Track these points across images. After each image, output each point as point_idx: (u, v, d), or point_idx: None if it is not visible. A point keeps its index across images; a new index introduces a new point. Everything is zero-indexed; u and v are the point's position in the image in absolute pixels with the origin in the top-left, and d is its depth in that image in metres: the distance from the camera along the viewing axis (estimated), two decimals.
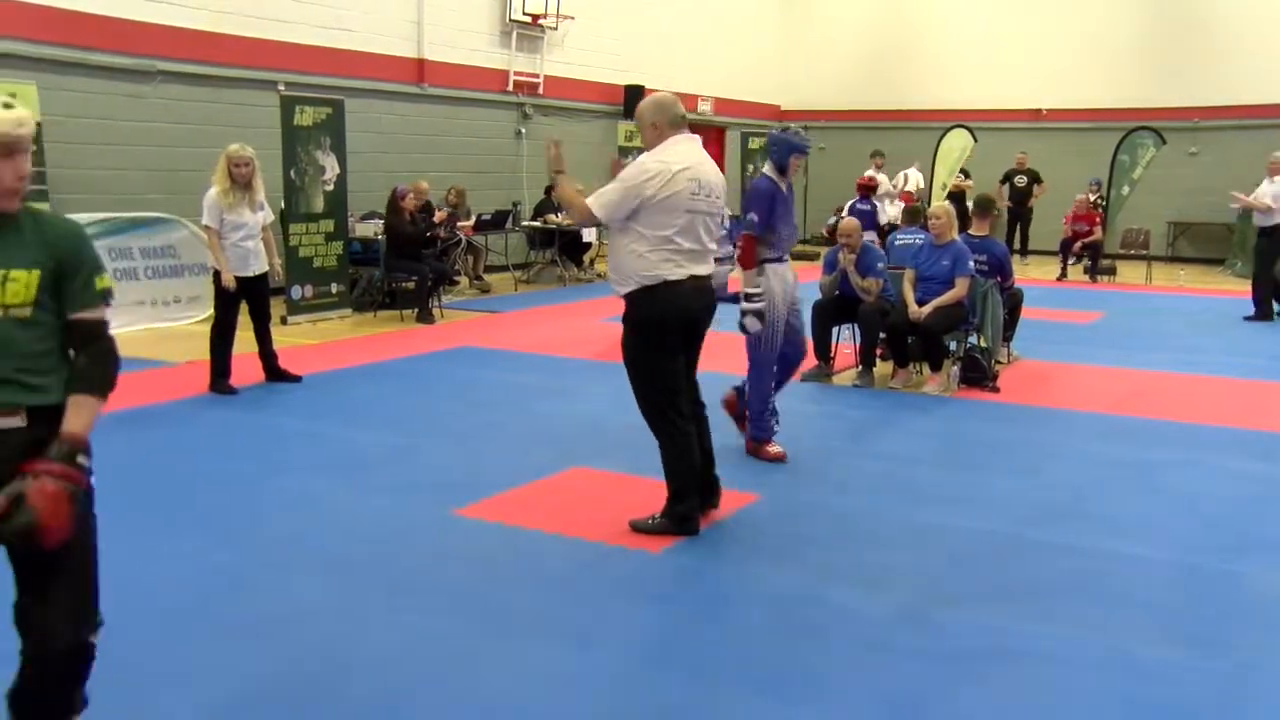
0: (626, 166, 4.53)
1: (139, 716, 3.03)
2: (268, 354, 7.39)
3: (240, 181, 7.04)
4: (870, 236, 8.98)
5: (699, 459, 4.67)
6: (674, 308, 4.43)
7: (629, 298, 4.46)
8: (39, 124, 9.51)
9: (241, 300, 7.15)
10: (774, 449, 5.78)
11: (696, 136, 4.55)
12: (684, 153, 4.43)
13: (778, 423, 5.86)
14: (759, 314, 5.55)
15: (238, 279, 7.04)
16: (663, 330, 4.45)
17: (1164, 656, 3.52)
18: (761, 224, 5.57)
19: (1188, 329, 10.94)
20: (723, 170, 4.82)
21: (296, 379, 7.40)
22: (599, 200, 4.41)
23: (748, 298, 5.56)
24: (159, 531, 4.56)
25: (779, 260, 5.73)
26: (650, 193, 4.32)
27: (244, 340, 7.35)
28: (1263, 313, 11.48)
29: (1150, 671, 3.42)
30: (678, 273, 4.40)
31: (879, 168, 16.19)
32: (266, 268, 7.28)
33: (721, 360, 6.19)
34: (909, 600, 3.94)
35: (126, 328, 9.74)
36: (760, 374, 5.77)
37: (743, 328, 5.62)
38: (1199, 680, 3.37)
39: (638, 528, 4.58)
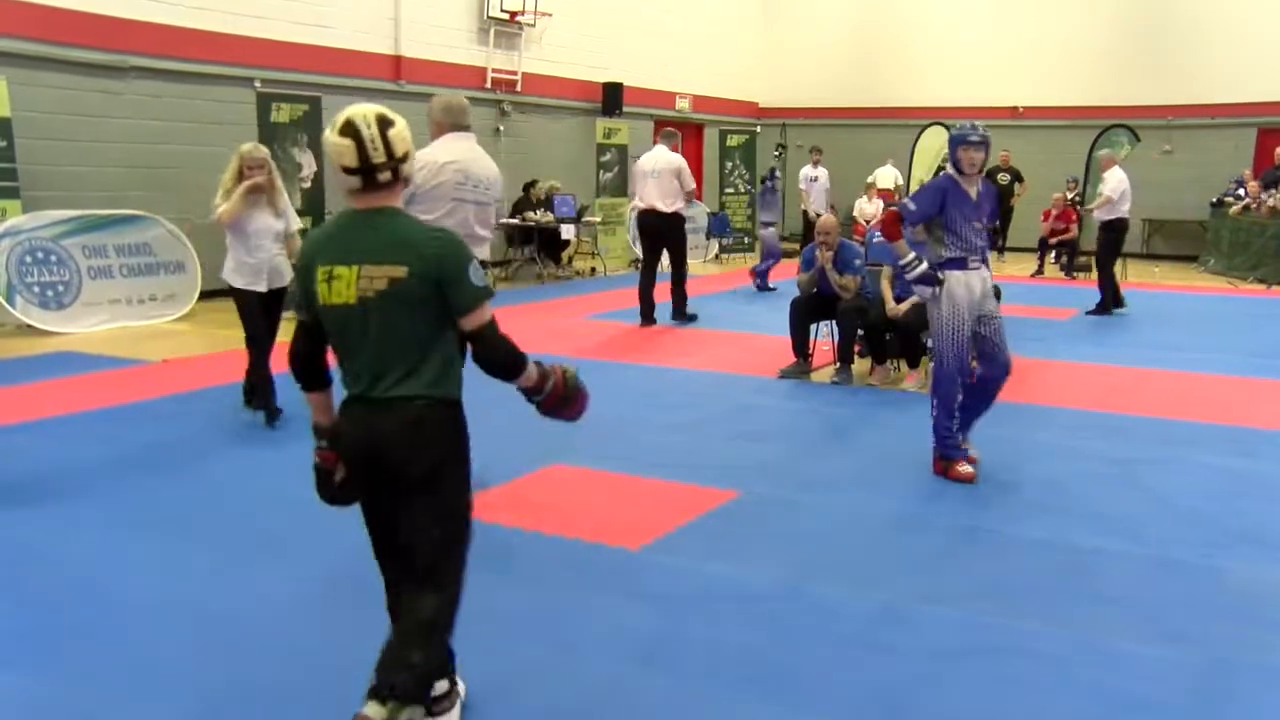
0: None
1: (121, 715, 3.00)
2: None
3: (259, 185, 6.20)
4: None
5: None
6: None
7: None
8: (9, 120, 9.46)
9: (263, 314, 6.31)
10: (963, 469, 5.43)
11: (472, 135, 4.96)
12: (455, 149, 4.85)
13: (963, 441, 5.55)
14: (923, 279, 5.38)
15: (254, 294, 6.24)
16: None
17: (1144, 651, 3.55)
18: (916, 213, 5.43)
19: (1164, 325, 11.03)
20: (699, 167, 4.94)
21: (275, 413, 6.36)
22: None
23: (902, 269, 5.52)
24: (129, 529, 4.52)
25: (961, 265, 5.41)
26: (419, 181, 4.66)
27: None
28: (1106, 305, 11.63)
29: (1130, 667, 3.45)
30: None
31: (817, 164, 16.17)
32: (283, 283, 6.23)
33: None
34: (890, 597, 3.95)
35: (102, 326, 9.67)
36: (943, 389, 5.48)
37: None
38: (1179, 675, 3.40)
39: None
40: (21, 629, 3.58)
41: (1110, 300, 11.68)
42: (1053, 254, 15.71)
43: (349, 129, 2.67)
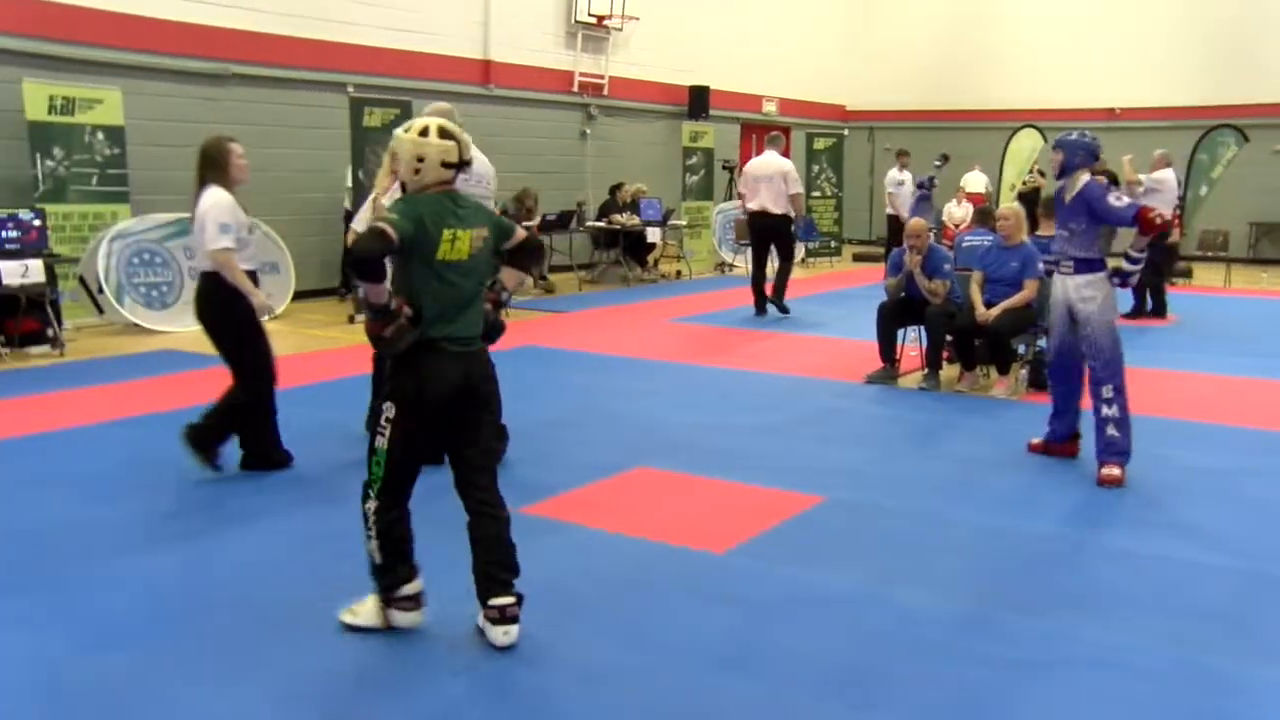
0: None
1: (188, 700, 3.10)
2: None
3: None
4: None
5: None
6: None
7: None
8: (123, 128, 9.85)
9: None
10: (1107, 471, 5.36)
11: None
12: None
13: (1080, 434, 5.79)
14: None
15: None
16: None
17: (1237, 669, 3.42)
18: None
19: (1269, 333, 10.62)
20: None
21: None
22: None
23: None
24: (226, 525, 4.66)
25: (1055, 267, 5.75)
26: None
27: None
28: (1157, 309, 11.37)
29: (1223, 684, 3.33)
30: None
31: (903, 167, 15.88)
32: None
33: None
34: (976, 605, 3.88)
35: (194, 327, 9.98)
36: (1121, 380, 5.52)
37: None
38: (1272, 695, 3.27)
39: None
40: (133, 616, 3.72)
41: (1150, 303, 11.42)
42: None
43: (447, 134, 3.45)
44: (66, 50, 9.81)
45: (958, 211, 16.10)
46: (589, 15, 15.27)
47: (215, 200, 5.16)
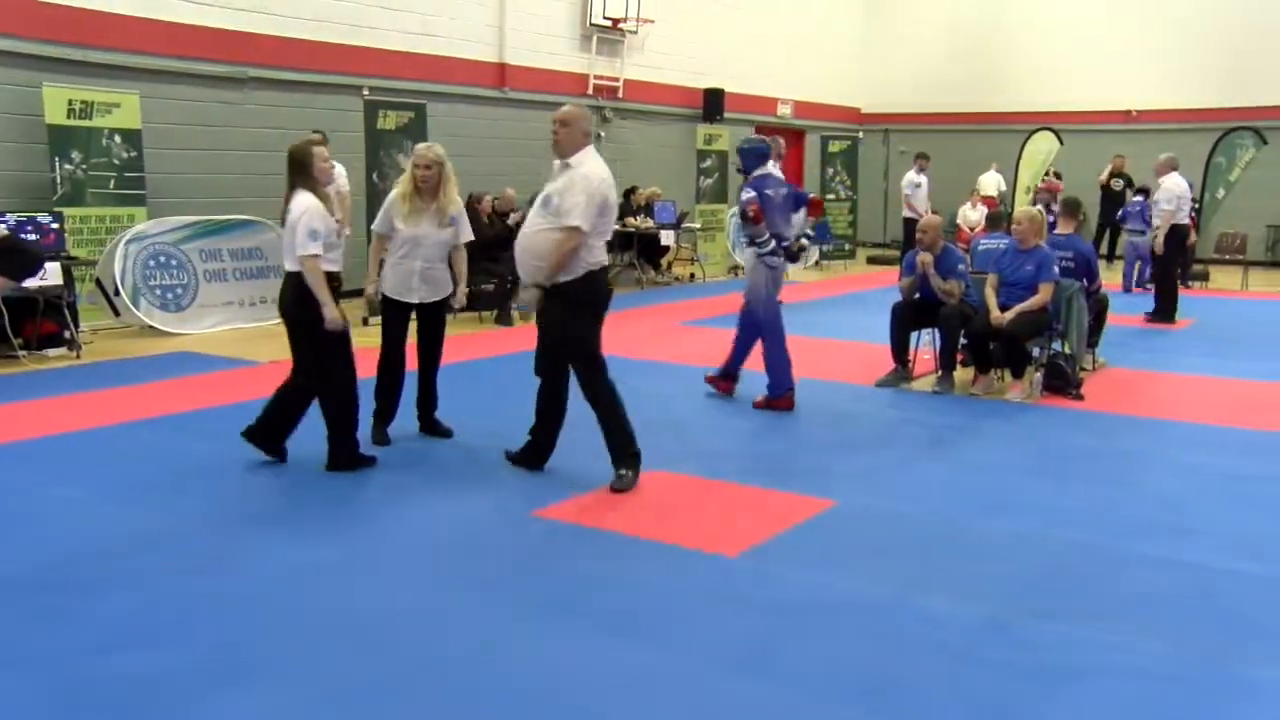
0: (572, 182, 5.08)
1: (219, 703, 3.12)
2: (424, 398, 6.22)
3: (424, 188, 5.83)
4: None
5: None
6: (606, 287, 5.33)
7: (571, 283, 5.11)
8: (140, 131, 9.92)
9: (404, 326, 6.08)
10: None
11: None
12: (601, 162, 5.25)
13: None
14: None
15: (399, 304, 5.97)
16: (603, 305, 5.31)
17: (1268, 676, 3.39)
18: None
19: None
20: (800, 173, 5.21)
21: (448, 434, 6.21)
22: (575, 220, 5.00)
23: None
24: (245, 525, 4.69)
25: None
26: (608, 197, 5.13)
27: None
28: (1168, 312, 11.35)
29: (1254, 691, 3.29)
30: (604, 259, 5.29)
31: (921, 170, 15.83)
32: (439, 296, 6.02)
33: None
34: (997, 611, 3.85)
35: (217, 328, 10.05)
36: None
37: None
38: None
39: (618, 488, 5.20)
40: (145, 613, 3.74)
41: (1170, 307, 11.36)
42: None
43: None
44: (85, 54, 9.88)
45: (973, 214, 16.08)
46: (604, 18, 15.30)
47: (306, 206, 5.24)
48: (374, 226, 6.17)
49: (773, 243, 7.09)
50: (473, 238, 6.22)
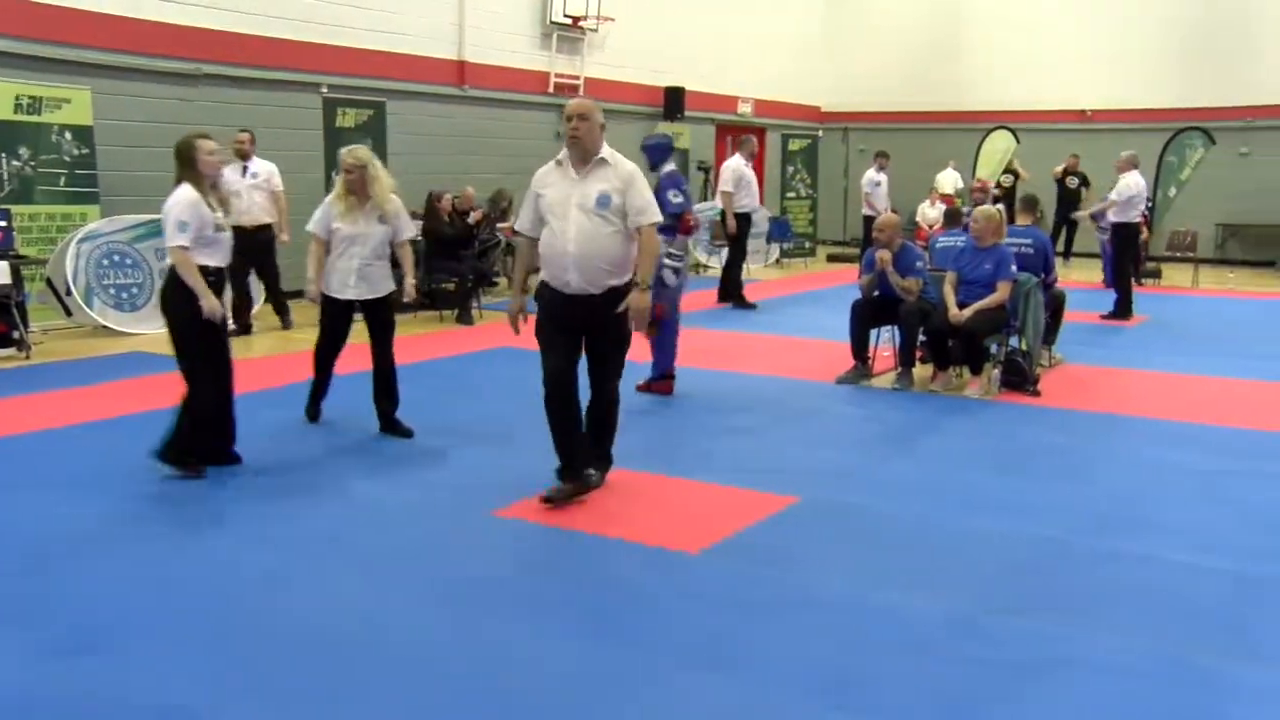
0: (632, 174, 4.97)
1: (161, 704, 3.07)
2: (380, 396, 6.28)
3: (353, 187, 6.04)
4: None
5: None
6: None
7: (623, 286, 4.87)
8: (91, 128, 9.74)
9: (342, 328, 6.26)
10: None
11: None
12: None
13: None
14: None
15: (339, 301, 6.15)
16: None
17: (1226, 668, 3.44)
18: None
19: (1237, 332, 10.74)
20: (761, 171, 5.19)
21: (408, 433, 6.19)
22: (656, 215, 4.89)
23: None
24: (194, 529, 4.62)
25: None
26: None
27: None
28: (1123, 310, 11.49)
29: (1211, 683, 3.34)
30: None
31: (881, 168, 15.92)
32: (377, 293, 6.16)
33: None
34: (959, 607, 3.87)
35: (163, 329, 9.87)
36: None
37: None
38: (1263, 693, 3.29)
39: (555, 498, 4.90)
40: (88, 617, 3.68)
41: (1125, 304, 11.52)
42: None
43: None
44: (34, 49, 9.69)
45: (931, 212, 16.21)
46: (564, 16, 15.26)
47: (179, 198, 5.22)
48: (312, 229, 6.20)
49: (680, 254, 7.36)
50: (415, 234, 6.38)
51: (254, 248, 9.41)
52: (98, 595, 3.88)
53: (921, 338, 7.81)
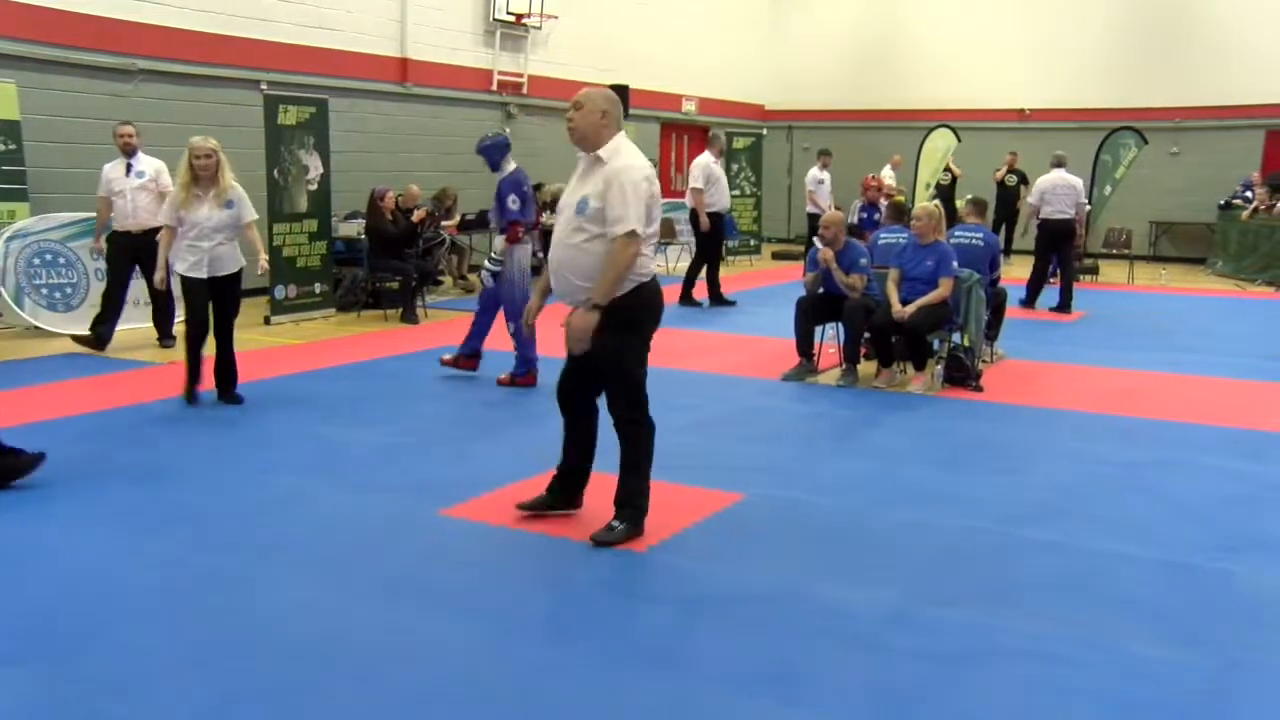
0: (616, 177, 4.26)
1: (128, 715, 3.00)
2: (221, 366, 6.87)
3: (203, 176, 6.60)
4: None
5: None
6: (659, 300, 4.52)
7: (620, 298, 4.32)
8: (19, 123, 9.49)
9: (207, 303, 6.72)
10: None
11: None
12: (637, 152, 4.44)
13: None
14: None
15: (196, 281, 6.62)
16: (654, 322, 4.54)
17: (1155, 655, 3.52)
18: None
19: (1170, 328, 11.00)
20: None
21: (238, 401, 6.80)
22: (629, 224, 4.20)
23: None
24: (143, 531, 4.52)
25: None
26: (653, 191, 4.33)
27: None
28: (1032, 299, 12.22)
29: (1142, 670, 3.42)
30: (654, 268, 4.49)
31: (824, 166, 16.02)
32: (227, 271, 6.72)
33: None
34: (898, 599, 3.93)
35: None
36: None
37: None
38: (1190, 678, 3.38)
39: (603, 540, 4.42)
40: (21, 627, 3.58)
41: (1059, 299, 12.05)
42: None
43: None
44: None
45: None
46: (507, 13, 15.17)
47: None
48: (161, 219, 7.03)
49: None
50: (256, 217, 6.97)
51: (142, 255, 8.37)
52: (34, 601, 3.78)
53: (865, 334, 7.89)
